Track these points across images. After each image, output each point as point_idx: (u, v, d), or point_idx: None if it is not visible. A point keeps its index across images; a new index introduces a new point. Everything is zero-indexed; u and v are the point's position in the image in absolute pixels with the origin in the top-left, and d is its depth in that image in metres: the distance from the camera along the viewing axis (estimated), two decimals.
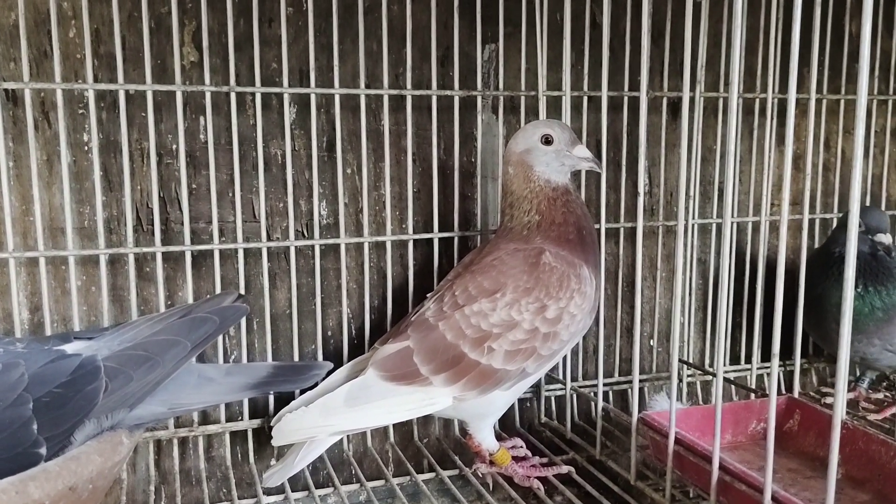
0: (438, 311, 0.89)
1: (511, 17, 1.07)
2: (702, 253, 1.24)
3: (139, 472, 0.98)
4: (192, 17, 0.95)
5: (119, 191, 0.94)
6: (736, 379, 1.20)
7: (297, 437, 0.87)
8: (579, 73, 1.11)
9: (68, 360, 0.62)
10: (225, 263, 0.98)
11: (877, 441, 0.83)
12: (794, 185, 1.26)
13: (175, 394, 0.67)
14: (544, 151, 0.91)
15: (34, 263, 0.90)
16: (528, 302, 0.86)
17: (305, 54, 0.97)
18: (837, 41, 1.22)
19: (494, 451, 0.95)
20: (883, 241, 1.04)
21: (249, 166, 0.99)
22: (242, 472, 1.01)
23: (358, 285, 1.06)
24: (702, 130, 1.15)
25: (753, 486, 0.70)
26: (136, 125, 0.94)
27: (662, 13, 1.13)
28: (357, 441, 1.07)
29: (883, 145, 1.32)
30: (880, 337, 1.05)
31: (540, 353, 0.87)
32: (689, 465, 0.79)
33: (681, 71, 0.75)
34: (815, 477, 0.84)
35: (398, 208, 1.07)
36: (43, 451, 0.58)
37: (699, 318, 1.25)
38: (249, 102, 0.98)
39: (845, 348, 0.59)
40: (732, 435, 0.93)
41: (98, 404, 0.61)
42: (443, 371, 0.85)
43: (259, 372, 0.72)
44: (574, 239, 0.91)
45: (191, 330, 0.66)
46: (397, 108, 1.04)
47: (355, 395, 0.86)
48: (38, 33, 0.89)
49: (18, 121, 0.89)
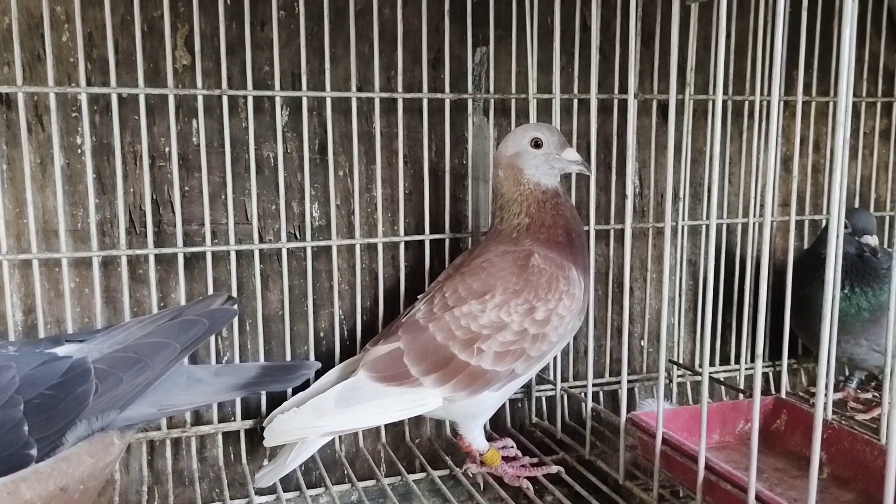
0: (429, 313, 0.89)
1: (501, 21, 1.08)
2: (692, 254, 1.25)
3: (132, 472, 0.99)
4: (185, 20, 0.95)
5: (112, 193, 0.94)
6: (725, 379, 1.21)
7: (288, 437, 0.87)
8: (569, 76, 1.12)
9: (59, 362, 0.63)
10: (217, 265, 0.99)
11: (861, 441, 0.83)
12: (784, 186, 1.26)
13: (165, 395, 0.68)
14: (534, 155, 0.92)
15: (27, 265, 0.90)
16: (518, 303, 0.87)
17: (297, 57, 0.98)
18: (826, 44, 1.22)
19: (485, 451, 0.96)
20: (869, 243, 1.04)
21: (242, 169, 0.99)
22: (235, 473, 1.02)
23: (350, 287, 1.06)
24: (691, 132, 1.15)
25: (738, 485, 0.71)
26: (129, 128, 0.95)
27: (652, 16, 1.14)
28: (349, 441, 1.08)
29: (872, 147, 1.33)
30: (867, 337, 1.06)
31: (529, 354, 0.88)
32: (677, 464, 0.80)
33: (670, 74, 0.75)
34: (802, 476, 0.84)
35: (390, 210, 1.08)
36: (34, 452, 0.59)
37: (689, 319, 1.26)
38: (242, 105, 0.98)
39: (825, 347, 0.60)
40: (720, 435, 0.93)
41: (88, 406, 0.62)
42: (433, 372, 0.86)
43: (248, 372, 0.73)
44: (563, 241, 0.92)
45: (180, 332, 0.67)
46: (389, 110, 1.05)
47: (346, 396, 0.86)
48: (32, 37, 0.90)
49: (12, 124, 0.90)
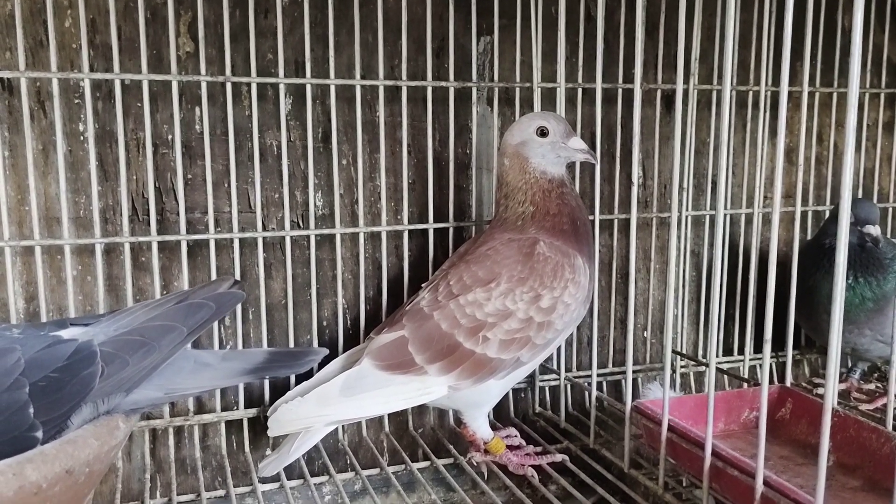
0: (433, 301, 0.89)
1: (506, 10, 1.07)
2: (695, 245, 1.25)
3: (135, 460, 0.98)
4: (188, 7, 0.95)
5: (115, 181, 0.94)
6: (729, 370, 1.21)
7: (293, 427, 0.87)
8: (574, 66, 1.11)
9: (64, 345, 0.63)
10: (221, 253, 0.98)
11: (868, 428, 0.83)
12: (787, 177, 1.26)
13: (171, 379, 0.67)
14: (540, 143, 0.92)
15: (30, 252, 0.90)
16: (523, 291, 0.87)
17: (301, 45, 0.97)
18: (830, 35, 1.22)
19: (489, 439, 0.96)
20: (871, 233, 1.04)
21: (245, 157, 0.99)
22: (238, 461, 1.02)
23: (353, 275, 1.06)
24: (696, 123, 1.15)
25: (746, 471, 0.71)
26: (132, 115, 0.94)
27: (657, 6, 1.14)
28: (352, 431, 1.07)
29: (875, 139, 1.33)
30: (871, 327, 1.06)
31: (534, 342, 0.88)
32: (682, 452, 0.80)
33: (675, 64, 0.75)
34: (807, 464, 0.85)
35: (393, 199, 1.07)
36: (39, 434, 0.59)
37: (693, 310, 1.26)
38: (245, 93, 0.98)
39: (836, 333, 0.60)
40: (725, 423, 0.93)
41: (94, 388, 0.61)
42: (438, 360, 0.86)
43: (255, 357, 0.73)
44: (568, 229, 0.91)
45: (187, 315, 0.67)
46: (393, 99, 1.04)
47: (351, 385, 0.86)
48: (34, 23, 0.89)
49: (14, 110, 0.89)
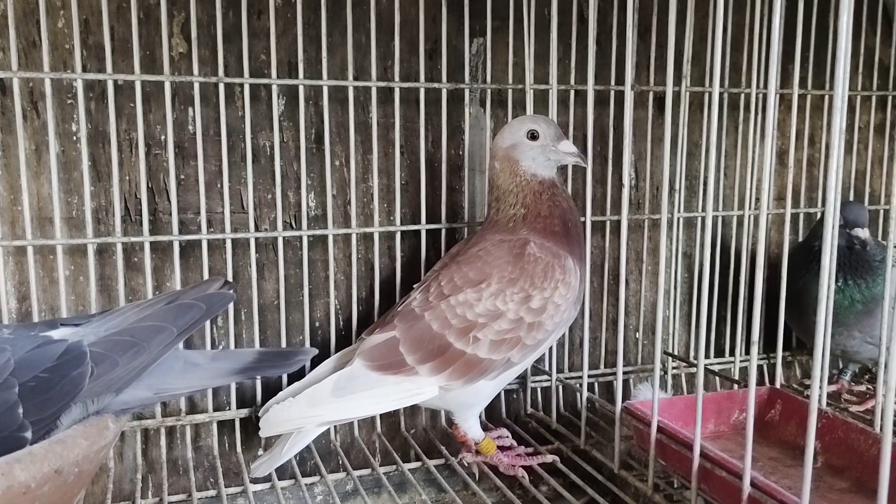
0: (425, 302, 0.89)
1: (499, 11, 1.08)
2: (687, 247, 1.25)
3: (126, 460, 0.98)
4: (181, 8, 0.95)
5: (107, 181, 0.94)
6: (720, 371, 1.21)
7: (284, 427, 0.87)
8: (566, 67, 1.12)
9: (54, 345, 0.63)
10: (213, 254, 0.98)
11: (856, 430, 0.84)
12: (779, 179, 1.27)
13: (161, 379, 0.67)
14: (530, 147, 0.92)
15: (22, 252, 0.90)
16: (513, 292, 0.87)
17: (294, 46, 0.97)
18: (822, 38, 1.23)
19: (480, 440, 0.96)
20: (859, 236, 1.04)
21: (238, 157, 0.99)
22: (230, 462, 1.02)
23: (345, 276, 1.06)
24: (687, 125, 1.16)
25: (734, 472, 0.71)
26: (125, 115, 0.94)
27: (649, 8, 1.14)
28: (344, 431, 1.08)
29: (867, 141, 1.34)
30: (860, 329, 1.06)
31: (525, 342, 0.88)
32: (672, 452, 0.80)
33: (667, 66, 0.76)
34: (796, 465, 0.85)
35: (386, 200, 1.08)
36: (28, 434, 0.59)
37: (684, 312, 1.26)
38: (238, 94, 0.98)
39: (822, 335, 0.60)
40: (715, 425, 0.94)
41: (84, 389, 0.61)
42: (429, 361, 0.86)
43: (245, 357, 0.73)
44: (559, 231, 0.92)
45: (177, 316, 0.67)
46: (385, 100, 1.04)
47: (342, 386, 0.86)
48: (27, 23, 0.90)
49: (7, 110, 0.90)
